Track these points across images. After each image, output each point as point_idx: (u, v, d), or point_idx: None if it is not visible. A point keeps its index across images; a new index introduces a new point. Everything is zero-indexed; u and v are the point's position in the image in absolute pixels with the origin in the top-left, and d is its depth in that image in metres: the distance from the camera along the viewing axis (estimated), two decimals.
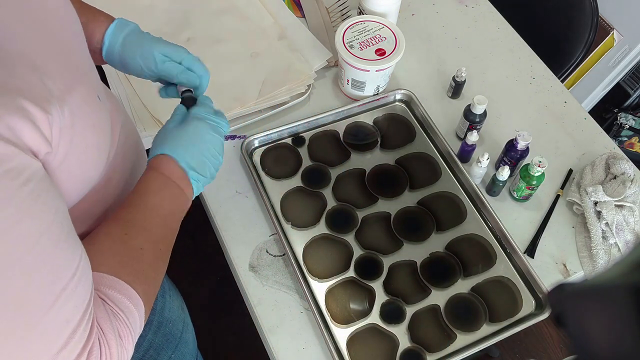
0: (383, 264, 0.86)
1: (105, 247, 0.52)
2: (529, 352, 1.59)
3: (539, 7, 1.38)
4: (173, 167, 0.60)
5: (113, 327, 0.46)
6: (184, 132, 0.62)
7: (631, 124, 1.76)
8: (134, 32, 0.67)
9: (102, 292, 0.48)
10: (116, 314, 0.48)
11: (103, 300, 0.48)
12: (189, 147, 0.61)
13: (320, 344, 0.79)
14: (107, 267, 0.50)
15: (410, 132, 1.01)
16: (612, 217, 0.88)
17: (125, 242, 0.53)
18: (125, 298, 0.49)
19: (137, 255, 0.53)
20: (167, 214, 0.58)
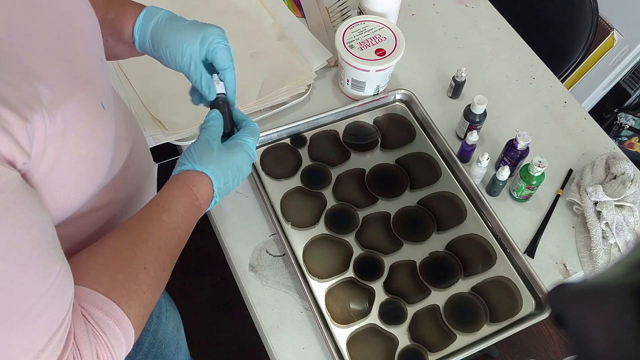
0: (383, 264, 0.86)
1: (106, 262, 0.49)
2: (529, 352, 1.59)
3: (539, 7, 1.38)
4: (207, 190, 0.58)
5: (92, 349, 0.44)
6: (230, 158, 0.61)
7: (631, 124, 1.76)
8: (162, 23, 0.62)
9: (87, 310, 0.45)
10: (98, 336, 0.45)
11: (86, 319, 0.45)
12: (228, 175, 0.60)
13: (320, 344, 0.79)
14: (100, 285, 0.47)
15: (410, 132, 1.01)
16: (612, 217, 0.88)
17: (129, 259, 0.50)
18: (112, 321, 0.46)
19: (138, 275, 0.50)
20: (183, 236, 0.56)
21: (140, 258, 0.51)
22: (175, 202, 0.56)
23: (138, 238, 0.52)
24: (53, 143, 0.41)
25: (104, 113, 0.48)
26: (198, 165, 0.58)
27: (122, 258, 0.50)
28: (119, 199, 0.58)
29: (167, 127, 0.93)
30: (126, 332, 0.47)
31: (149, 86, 0.98)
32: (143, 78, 1.00)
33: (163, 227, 0.54)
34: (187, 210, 0.56)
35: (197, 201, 0.57)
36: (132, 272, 0.49)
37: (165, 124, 0.93)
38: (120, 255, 0.50)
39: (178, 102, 0.97)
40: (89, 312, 0.45)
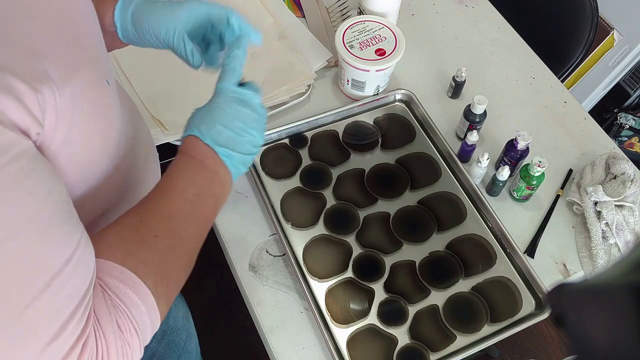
0: (383, 264, 0.86)
1: (114, 235, 0.49)
2: (529, 352, 1.59)
3: (539, 7, 1.38)
4: (199, 146, 0.55)
5: (112, 319, 0.43)
6: (206, 109, 0.57)
7: (631, 124, 1.76)
8: (140, 5, 0.62)
9: (103, 280, 0.45)
10: (116, 305, 0.44)
11: (103, 289, 0.44)
12: (213, 124, 0.56)
13: (320, 344, 0.79)
14: (113, 256, 0.46)
15: (410, 132, 1.01)
16: (612, 217, 0.88)
17: (138, 229, 0.49)
18: (129, 289, 0.45)
19: (149, 243, 0.49)
20: (193, 199, 0.54)
21: (149, 227, 0.50)
22: (176, 168, 0.55)
23: (145, 209, 0.51)
24: (63, 116, 0.41)
25: (108, 89, 0.48)
26: (184, 132, 0.57)
27: (130, 228, 0.49)
28: (123, 186, 0.58)
29: (167, 127, 0.93)
30: (146, 301, 0.46)
31: (149, 86, 0.98)
32: (143, 78, 1.00)
33: (168, 193, 0.53)
34: (187, 171, 0.55)
35: (194, 160, 0.55)
36: (142, 242, 0.49)
37: (165, 124, 0.93)
38: (129, 226, 0.49)
39: (178, 102, 0.97)
40: (105, 281, 0.45)
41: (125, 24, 0.63)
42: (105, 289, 0.45)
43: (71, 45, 0.43)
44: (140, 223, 0.50)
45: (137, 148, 0.60)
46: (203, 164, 0.55)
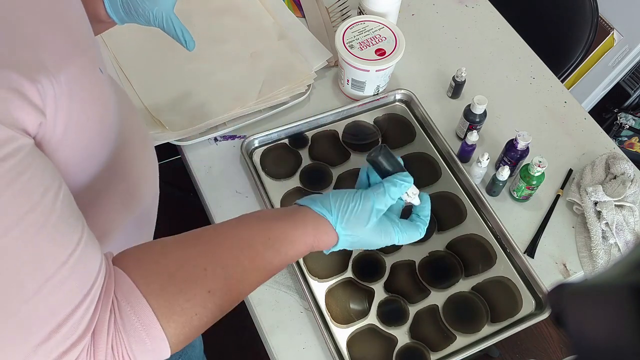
0: (383, 264, 0.86)
1: (166, 266, 0.45)
2: (529, 352, 1.59)
3: (539, 7, 1.38)
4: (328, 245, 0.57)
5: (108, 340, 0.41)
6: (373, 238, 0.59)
7: (631, 124, 1.76)
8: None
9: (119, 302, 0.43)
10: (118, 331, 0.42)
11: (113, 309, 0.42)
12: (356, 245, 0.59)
13: (320, 344, 0.79)
14: (146, 286, 0.44)
15: (410, 132, 1.01)
16: (612, 217, 0.88)
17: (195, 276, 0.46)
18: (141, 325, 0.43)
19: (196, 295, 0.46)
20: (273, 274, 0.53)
21: (209, 281, 0.47)
22: (290, 247, 0.54)
23: (222, 259, 0.48)
24: (62, 104, 0.40)
25: (102, 76, 0.48)
26: (341, 226, 0.56)
27: (187, 272, 0.46)
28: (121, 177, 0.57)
29: (167, 127, 0.93)
30: (156, 344, 0.44)
31: (149, 86, 0.98)
32: (143, 78, 1.00)
33: (258, 261, 0.51)
34: (295, 255, 0.54)
35: (309, 250, 0.55)
36: (189, 290, 0.46)
37: (165, 124, 0.93)
38: (188, 268, 0.46)
39: (178, 102, 0.97)
40: (121, 306, 0.43)
41: (120, 16, 0.66)
42: (115, 310, 0.43)
43: (63, 34, 0.43)
44: (203, 272, 0.47)
45: (133, 138, 0.59)
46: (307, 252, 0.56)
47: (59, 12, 0.44)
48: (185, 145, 0.95)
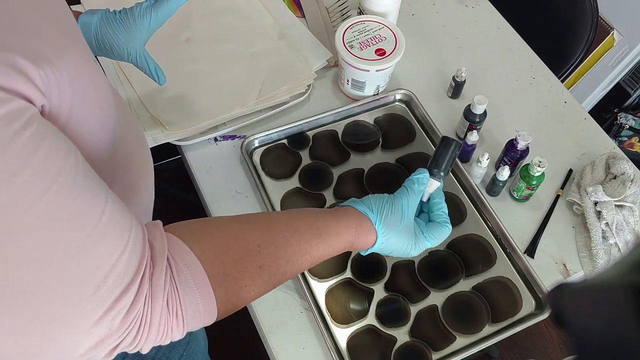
0: (383, 264, 0.86)
1: (223, 240, 0.50)
2: (529, 352, 1.59)
3: (539, 7, 1.38)
4: (367, 245, 0.63)
5: (164, 295, 0.45)
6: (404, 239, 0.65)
7: (631, 124, 1.76)
8: (99, 31, 0.69)
9: (176, 262, 0.46)
10: (173, 287, 0.45)
11: (170, 268, 0.46)
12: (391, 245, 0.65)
13: (320, 344, 0.79)
14: (202, 253, 0.47)
15: (410, 132, 1.01)
16: (612, 217, 0.88)
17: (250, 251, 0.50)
18: (195, 285, 0.46)
19: (247, 269, 0.50)
20: (313, 262, 0.58)
21: (262, 257, 0.51)
22: (335, 238, 0.59)
23: (274, 239, 0.52)
24: (64, 92, 0.41)
25: (97, 65, 0.49)
26: (380, 225, 0.63)
27: (242, 246, 0.50)
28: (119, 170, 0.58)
29: (167, 127, 0.93)
30: (207, 307, 0.47)
31: (149, 86, 0.98)
32: (143, 78, 1.00)
33: (305, 246, 0.55)
34: (337, 248, 0.60)
35: (349, 247, 0.61)
36: (242, 263, 0.50)
37: (165, 124, 0.93)
38: (243, 243, 0.50)
39: (178, 102, 0.97)
40: (178, 265, 0.46)
41: (91, 46, 0.70)
42: (172, 269, 0.46)
43: (56, 26, 0.44)
44: (257, 249, 0.51)
45: (129, 134, 0.60)
46: (347, 247, 0.61)
47: (50, 6, 0.45)
48: (185, 145, 0.95)
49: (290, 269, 0.55)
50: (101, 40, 0.69)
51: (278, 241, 0.54)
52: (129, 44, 0.69)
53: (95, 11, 0.70)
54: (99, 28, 0.69)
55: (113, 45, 0.69)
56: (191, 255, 0.48)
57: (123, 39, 0.69)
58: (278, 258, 0.53)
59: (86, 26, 0.69)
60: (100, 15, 0.70)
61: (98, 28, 0.69)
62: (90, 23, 0.69)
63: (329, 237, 0.59)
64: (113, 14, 0.70)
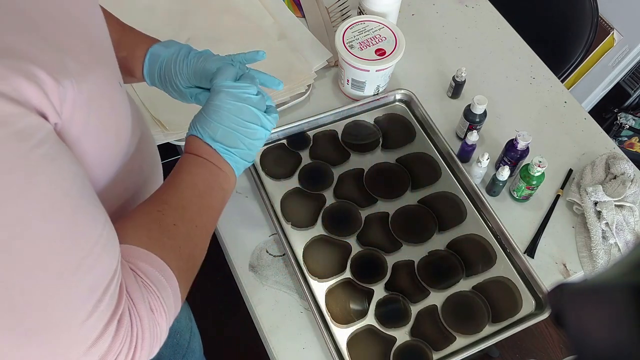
0: (383, 264, 0.86)
1: (137, 223, 0.52)
2: (529, 352, 1.59)
3: (539, 7, 1.38)
4: (199, 144, 0.59)
5: (144, 298, 0.46)
6: (204, 109, 0.60)
7: (631, 124, 1.76)
8: (165, 68, 0.68)
9: (133, 264, 0.47)
10: (147, 286, 0.47)
11: (134, 272, 0.47)
12: (209, 122, 0.59)
13: (320, 344, 0.79)
14: (139, 241, 0.49)
15: (410, 132, 1.01)
16: (612, 217, 0.88)
17: (158, 219, 0.53)
18: (157, 271, 0.48)
19: (170, 231, 0.52)
20: (202, 191, 0.58)
21: (168, 217, 0.53)
22: (182, 165, 0.59)
23: (160, 201, 0.55)
24: (80, 111, 0.41)
25: (120, 90, 0.49)
26: (189, 131, 0.61)
27: (152, 218, 0.53)
28: (131, 187, 0.59)
29: (167, 127, 0.93)
30: (172, 285, 0.49)
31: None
32: None
33: (179, 187, 0.57)
34: (193, 167, 0.59)
35: (198, 158, 0.59)
36: (163, 229, 0.52)
37: (165, 124, 0.93)
38: (150, 216, 0.53)
39: (178, 102, 0.96)
40: (136, 265, 0.47)
41: (153, 82, 0.71)
42: (136, 271, 0.47)
43: (87, 47, 0.45)
44: (159, 213, 0.53)
45: (145, 150, 0.61)
46: (206, 160, 0.59)
47: (82, 26, 0.45)
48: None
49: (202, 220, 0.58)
50: (163, 76, 0.69)
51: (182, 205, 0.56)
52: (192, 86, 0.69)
53: (170, 45, 0.69)
54: (165, 63, 0.68)
55: (176, 86, 0.69)
56: (138, 250, 0.49)
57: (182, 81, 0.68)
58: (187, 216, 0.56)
59: (154, 57, 0.68)
60: (171, 52, 0.68)
61: (165, 63, 0.68)
62: (159, 56, 0.68)
63: None
64: (186, 52, 0.69)
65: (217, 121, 0.59)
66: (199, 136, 0.59)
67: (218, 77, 0.61)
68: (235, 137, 0.60)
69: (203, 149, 0.59)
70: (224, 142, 0.59)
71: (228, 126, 0.59)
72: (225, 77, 0.61)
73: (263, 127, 0.62)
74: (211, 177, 0.59)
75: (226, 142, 0.59)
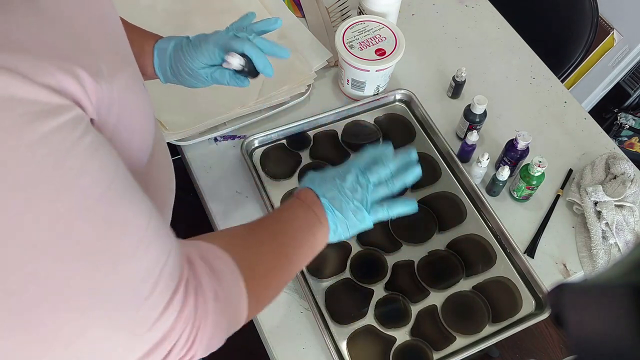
0: (384, 264, 0.86)
1: (224, 233, 0.57)
2: (529, 352, 1.59)
3: (539, 8, 1.38)
4: (309, 194, 0.64)
5: (212, 288, 0.48)
6: (327, 171, 0.67)
7: (631, 124, 1.76)
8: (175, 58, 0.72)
9: (209, 260, 0.50)
10: (219, 279, 0.49)
11: (211, 266, 0.49)
12: (327, 182, 0.65)
13: (320, 344, 0.79)
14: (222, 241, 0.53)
15: (410, 132, 1.01)
16: (612, 217, 0.88)
17: (245, 237, 0.57)
18: (230, 274, 0.51)
19: (253, 245, 0.56)
20: (296, 229, 0.62)
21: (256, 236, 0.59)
22: (287, 204, 0.65)
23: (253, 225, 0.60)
24: (112, 111, 0.42)
25: (145, 91, 0.50)
26: (304, 183, 0.67)
27: (239, 235, 0.58)
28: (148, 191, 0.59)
29: (167, 127, 0.93)
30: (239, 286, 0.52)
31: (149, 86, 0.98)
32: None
33: (272, 218, 0.63)
34: (293, 208, 0.64)
35: (302, 202, 0.64)
36: (247, 245, 0.57)
37: (165, 124, 0.93)
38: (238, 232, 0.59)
39: (178, 102, 0.97)
40: (210, 262, 0.50)
41: (166, 76, 0.74)
42: (211, 265, 0.50)
43: (113, 46, 0.46)
44: (250, 229, 0.59)
45: (161, 154, 0.62)
46: (308, 206, 0.63)
47: (108, 29, 0.46)
48: (185, 145, 0.95)
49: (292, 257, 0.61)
50: (175, 66, 0.72)
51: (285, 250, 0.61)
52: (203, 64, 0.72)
53: (172, 38, 0.73)
54: (173, 53, 0.72)
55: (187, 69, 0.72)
56: (217, 249, 0.52)
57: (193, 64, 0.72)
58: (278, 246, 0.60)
59: (161, 52, 0.72)
60: (175, 42, 0.73)
61: (172, 53, 0.72)
62: (166, 49, 0.72)
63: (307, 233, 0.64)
64: (187, 39, 0.73)
65: (333, 187, 0.65)
66: (312, 187, 0.65)
67: (356, 159, 0.68)
68: (343, 204, 0.64)
69: (310, 198, 0.64)
70: (332, 203, 0.64)
71: (342, 194, 0.65)
72: (360, 158, 0.68)
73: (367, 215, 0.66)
74: (307, 223, 0.63)
75: (334, 203, 0.64)
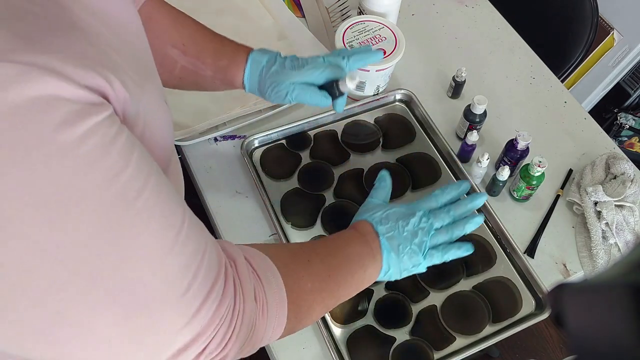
0: None
1: (271, 246, 0.59)
2: (529, 352, 1.59)
3: (539, 7, 1.38)
4: (368, 228, 0.66)
5: (251, 288, 0.49)
6: (393, 207, 0.69)
7: (631, 124, 1.77)
8: (266, 73, 0.75)
9: (252, 265, 0.52)
10: (258, 280, 0.51)
11: (253, 268, 0.51)
12: (389, 219, 0.66)
13: (320, 344, 0.79)
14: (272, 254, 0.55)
15: (410, 132, 1.01)
16: (612, 217, 0.88)
17: (294, 251, 0.60)
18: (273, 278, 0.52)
19: (301, 263, 0.58)
20: (349, 258, 0.63)
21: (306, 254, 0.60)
22: (344, 233, 0.67)
23: (308, 244, 0.66)
24: (137, 125, 0.42)
25: (166, 106, 0.50)
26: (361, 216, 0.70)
27: (289, 249, 0.61)
28: None
29: None
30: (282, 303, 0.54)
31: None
32: None
33: (329, 242, 0.65)
34: (348, 237, 0.66)
35: (359, 234, 0.66)
36: (296, 259, 0.59)
37: None
38: (288, 247, 0.62)
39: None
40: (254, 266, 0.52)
41: (253, 88, 0.78)
42: (254, 269, 0.52)
43: (136, 62, 0.46)
44: (300, 247, 0.61)
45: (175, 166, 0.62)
46: (367, 242, 0.65)
47: (131, 43, 0.47)
48: (185, 145, 0.95)
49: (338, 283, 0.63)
50: (264, 81, 0.75)
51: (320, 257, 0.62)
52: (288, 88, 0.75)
53: (266, 52, 0.77)
54: (266, 68, 0.76)
55: (276, 90, 0.75)
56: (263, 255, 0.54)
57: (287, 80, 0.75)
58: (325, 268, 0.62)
59: (255, 63, 0.76)
60: (268, 56, 0.76)
61: (265, 68, 0.76)
62: (261, 62, 0.76)
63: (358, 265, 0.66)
64: (283, 59, 0.77)
65: (394, 227, 0.66)
66: (371, 222, 0.67)
67: (423, 204, 0.71)
68: (400, 245, 0.65)
69: (368, 232, 0.65)
70: (390, 243, 0.65)
71: (400, 234, 0.66)
72: (428, 205, 0.71)
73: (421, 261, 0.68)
74: (362, 253, 0.64)
75: (390, 242, 0.65)
